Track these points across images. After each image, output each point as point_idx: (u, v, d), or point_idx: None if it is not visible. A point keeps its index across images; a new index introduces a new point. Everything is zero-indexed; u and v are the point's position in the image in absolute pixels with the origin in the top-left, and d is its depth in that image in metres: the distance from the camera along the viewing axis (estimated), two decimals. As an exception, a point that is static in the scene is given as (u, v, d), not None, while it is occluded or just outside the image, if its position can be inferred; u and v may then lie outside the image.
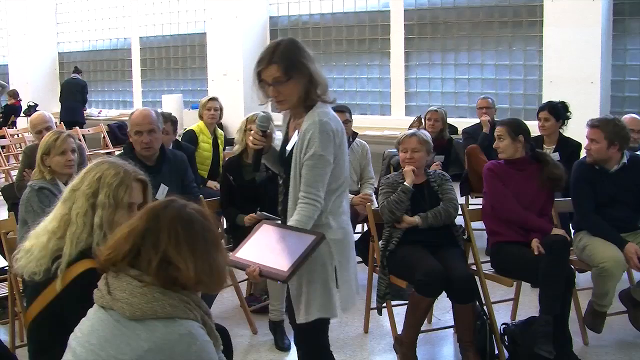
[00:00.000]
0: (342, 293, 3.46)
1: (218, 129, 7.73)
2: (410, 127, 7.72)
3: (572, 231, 5.27)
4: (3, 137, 12.19)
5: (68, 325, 2.63)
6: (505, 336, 4.72)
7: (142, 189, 2.99)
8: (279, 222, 5.14)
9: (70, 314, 2.66)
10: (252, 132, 3.57)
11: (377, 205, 5.24)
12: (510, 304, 5.39)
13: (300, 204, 3.33)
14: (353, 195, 6.17)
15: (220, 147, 7.58)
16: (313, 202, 3.31)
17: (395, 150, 6.45)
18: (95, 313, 2.39)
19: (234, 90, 13.22)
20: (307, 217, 3.30)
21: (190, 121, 7.77)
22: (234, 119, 6.25)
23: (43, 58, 17.32)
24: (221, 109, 7.63)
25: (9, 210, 6.24)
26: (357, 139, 6.64)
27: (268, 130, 3.54)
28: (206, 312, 2.44)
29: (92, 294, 2.46)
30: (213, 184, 7.01)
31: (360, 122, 11.48)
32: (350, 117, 6.52)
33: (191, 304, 2.36)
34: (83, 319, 2.44)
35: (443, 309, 5.30)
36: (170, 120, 6.45)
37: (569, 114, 6.61)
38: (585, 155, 5.17)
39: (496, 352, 4.66)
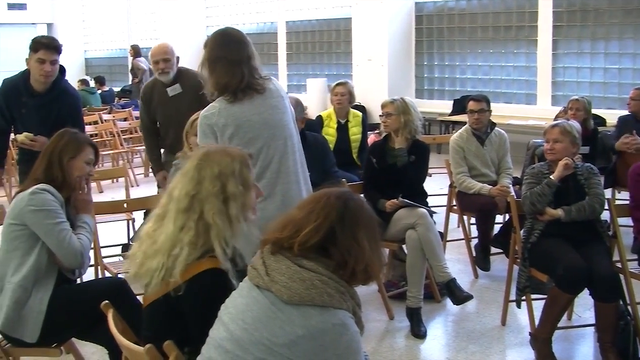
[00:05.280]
0: None
1: (354, 111, 7.64)
2: (556, 117, 7.54)
3: None
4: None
5: (183, 318, 2.72)
6: (651, 339, 4.56)
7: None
8: (420, 208, 5.19)
9: (187, 309, 2.72)
10: None
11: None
12: (657, 305, 5.20)
13: None
14: (490, 186, 6.14)
15: (353, 130, 7.42)
16: None
17: (540, 140, 6.34)
18: (249, 291, 2.43)
19: (378, 75, 13.31)
20: None
21: (335, 105, 7.76)
22: (378, 104, 6.27)
23: (192, 41, 17.83)
24: (350, 94, 7.41)
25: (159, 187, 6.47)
26: (495, 128, 6.55)
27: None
28: (358, 303, 2.47)
29: (212, 293, 2.58)
30: None
31: (504, 110, 11.37)
32: (488, 106, 6.47)
33: (346, 295, 2.40)
34: (235, 294, 2.50)
35: (584, 305, 5.16)
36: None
37: None
38: None
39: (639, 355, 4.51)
